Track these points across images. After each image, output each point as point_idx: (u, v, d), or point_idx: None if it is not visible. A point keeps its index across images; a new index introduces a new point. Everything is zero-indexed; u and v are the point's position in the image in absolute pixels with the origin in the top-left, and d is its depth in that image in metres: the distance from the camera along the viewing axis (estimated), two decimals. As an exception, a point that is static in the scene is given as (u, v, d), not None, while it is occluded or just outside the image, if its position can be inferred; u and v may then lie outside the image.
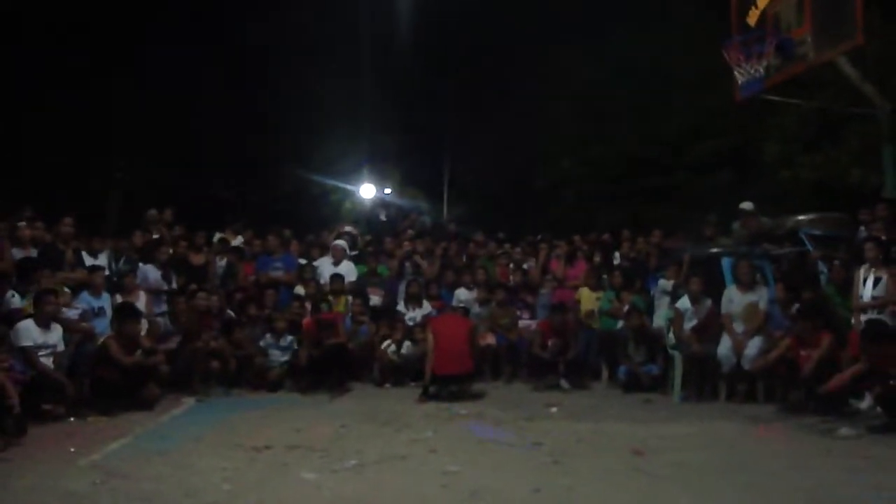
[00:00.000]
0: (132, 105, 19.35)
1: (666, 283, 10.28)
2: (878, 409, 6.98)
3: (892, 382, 6.73)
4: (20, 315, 7.95)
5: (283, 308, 10.62)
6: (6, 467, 5.55)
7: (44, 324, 7.77)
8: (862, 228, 9.50)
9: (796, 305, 8.49)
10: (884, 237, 8.48)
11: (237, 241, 12.28)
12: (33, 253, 9.38)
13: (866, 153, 12.51)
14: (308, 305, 10.62)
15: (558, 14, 21.21)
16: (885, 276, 7.85)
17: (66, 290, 8.86)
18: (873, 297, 7.89)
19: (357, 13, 22.93)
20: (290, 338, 10.07)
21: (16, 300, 8.31)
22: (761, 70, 10.79)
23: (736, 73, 11.17)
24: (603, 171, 20.32)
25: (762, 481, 5.07)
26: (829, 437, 6.60)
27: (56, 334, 7.89)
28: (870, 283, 7.97)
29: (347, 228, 14.11)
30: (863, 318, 7.88)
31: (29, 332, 7.61)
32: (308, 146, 22.16)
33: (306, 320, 10.31)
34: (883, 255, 8.03)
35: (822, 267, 9.14)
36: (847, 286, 8.31)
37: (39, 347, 7.65)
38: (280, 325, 10.11)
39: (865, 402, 7.25)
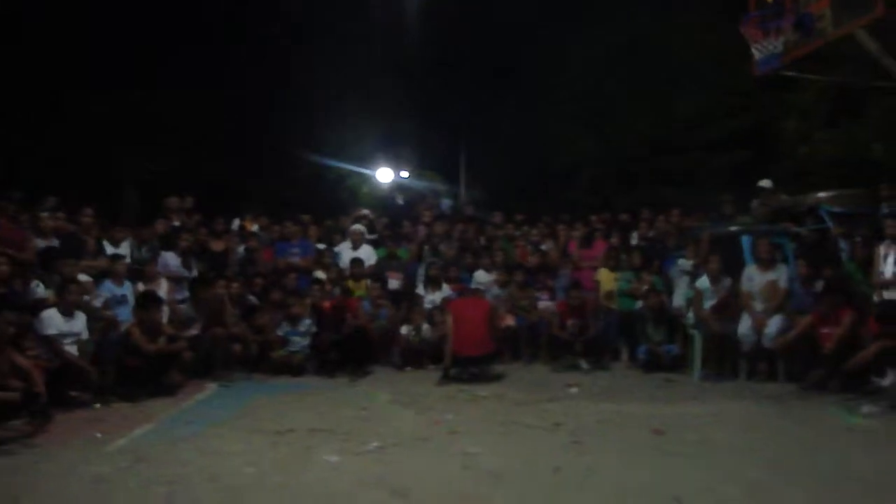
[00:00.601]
0: (150, 96, 19.43)
1: (685, 263, 10.24)
2: (901, 386, 6.94)
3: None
4: (44, 304, 8.05)
5: (302, 293, 10.67)
6: (35, 453, 5.66)
7: (67, 312, 7.87)
8: (883, 205, 9.40)
9: (819, 283, 8.44)
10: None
11: (255, 227, 12.36)
12: (55, 243, 9.48)
13: (887, 128, 12.36)
14: (328, 289, 10.68)
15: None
16: (906, 253, 7.79)
17: (89, 278, 8.96)
18: (894, 274, 7.83)
19: (372, -2, 22.90)
20: (307, 321, 10.11)
21: (40, 290, 8.42)
22: (779, 46, 10.66)
23: (753, 49, 11.04)
24: (619, 152, 20.22)
25: (783, 460, 5.07)
26: (850, 414, 6.57)
27: (80, 322, 8.00)
28: (891, 259, 7.90)
29: (365, 212, 14.16)
30: (885, 294, 7.83)
31: (53, 320, 7.71)
32: (324, 131, 22.18)
33: (326, 304, 10.37)
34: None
35: (842, 244, 9.07)
36: (868, 263, 8.25)
37: (64, 335, 7.76)
38: (296, 310, 10.15)
39: (888, 380, 7.21)
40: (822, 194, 10.13)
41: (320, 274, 11.16)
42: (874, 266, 8.06)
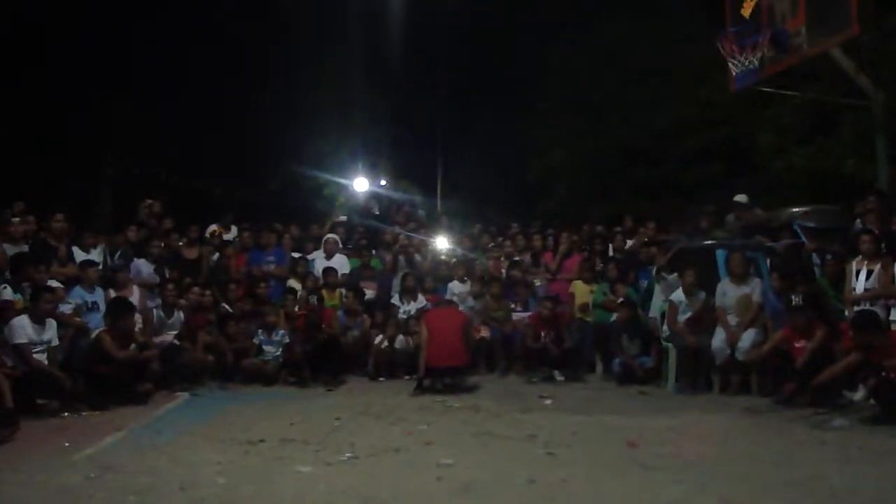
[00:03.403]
0: (123, 102, 19.28)
1: (674, 279, 10.23)
2: (872, 400, 7.00)
3: (884, 374, 6.76)
4: (12, 309, 7.92)
5: (276, 302, 10.61)
6: (0, 462, 5.54)
7: (39, 320, 7.76)
8: (857, 221, 9.51)
9: (794, 297, 8.50)
10: (876, 230, 8.49)
11: (230, 235, 12.26)
12: (25, 248, 9.34)
13: (861, 144, 12.51)
14: (304, 298, 10.64)
15: (550, 6, 21.15)
16: (877, 269, 7.86)
17: (59, 285, 8.84)
18: (866, 290, 7.91)
19: (348, 6, 22.87)
20: (281, 332, 10.06)
21: (7, 292, 8.27)
22: (756, 61, 10.78)
23: (730, 64, 11.16)
24: (595, 163, 20.30)
25: (756, 472, 5.08)
26: (822, 428, 6.61)
27: (51, 331, 7.90)
28: (863, 275, 7.96)
29: (341, 218, 14.10)
30: (855, 309, 7.90)
31: (24, 328, 7.60)
32: (301, 141, 22.12)
33: (299, 314, 10.32)
34: (877, 247, 8.04)
35: (816, 259, 9.15)
36: (841, 279, 8.32)
37: (35, 344, 7.65)
38: (271, 319, 10.10)
39: (859, 394, 7.28)
40: (796, 209, 10.25)
41: (294, 283, 11.10)
42: (846, 282, 8.14)
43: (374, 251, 12.45)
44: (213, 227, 12.27)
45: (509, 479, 4.98)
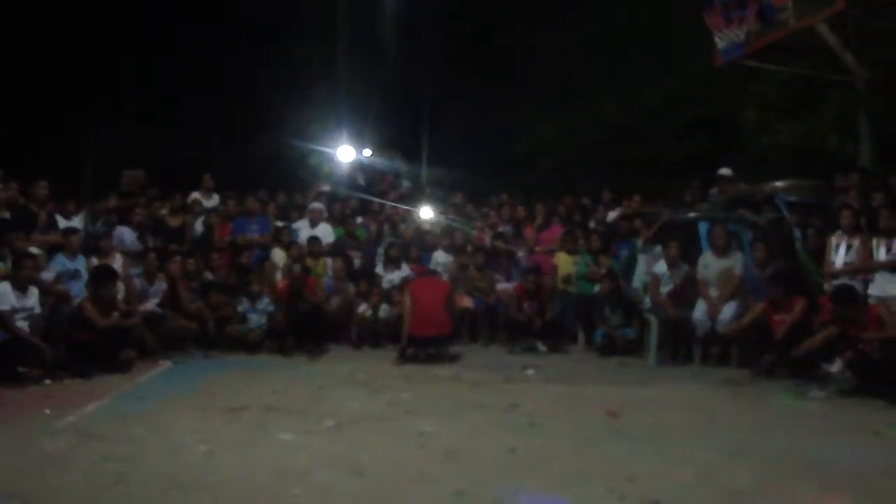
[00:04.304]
0: (107, 68, 19.03)
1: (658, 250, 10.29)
2: (848, 373, 7.10)
3: (861, 347, 6.86)
4: (-5, 276, 7.89)
5: (259, 271, 10.60)
6: (-19, 429, 5.54)
7: (20, 287, 7.72)
8: (838, 195, 9.57)
9: (769, 270, 8.57)
10: (856, 205, 8.56)
11: (212, 202, 12.18)
12: (7, 215, 9.27)
13: (844, 121, 12.56)
14: (288, 265, 10.65)
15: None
16: (856, 244, 7.94)
17: (40, 252, 8.78)
18: (845, 264, 7.99)
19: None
20: (265, 300, 10.06)
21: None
22: (742, 36, 10.77)
23: (716, 38, 11.14)
24: (581, 137, 20.25)
25: (734, 442, 5.16)
26: (800, 399, 6.73)
27: (33, 297, 7.86)
28: (842, 249, 8.05)
29: (325, 188, 14.04)
30: (834, 283, 7.98)
31: (6, 295, 7.56)
32: (285, 109, 21.93)
33: (281, 282, 10.31)
34: (856, 222, 8.12)
35: (797, 233, 9.22)
36: (821, 253, 8.40)
37: (16, 311, 7.61)
38: (255, 288, 10.10)
39: (836, 367, 7.37)
40: (778, 184, 10.27)
41: (278, 252, 11.09)
42: (826, 256, 8.21)
43: (358, 220, 12.41)
44: (195, 194, 12.18)
45: (491, 447, 5.03)
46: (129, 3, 18.97)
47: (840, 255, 8.06)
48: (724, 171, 10.81)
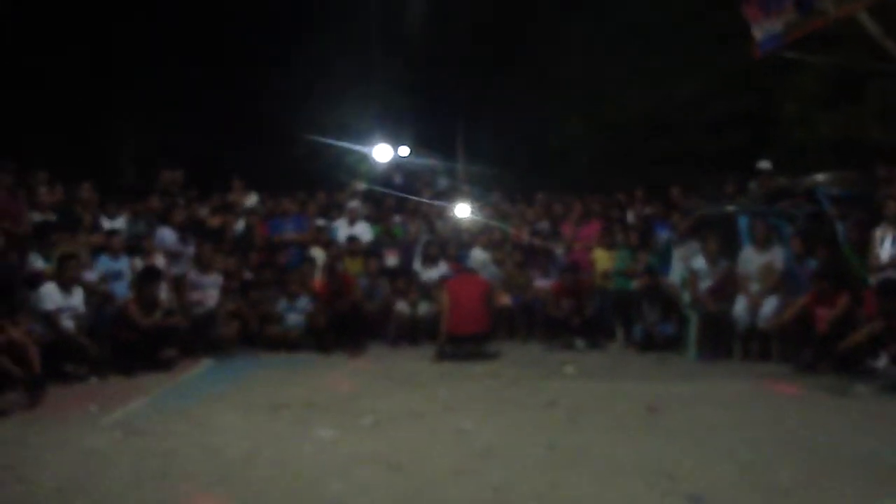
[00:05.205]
0: (146, 74, 19.33)
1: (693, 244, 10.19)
2: (895, 368, 6.97)
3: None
4: (41, 278, 8.05)
5: (298, 270, 10.68)
6: (29, 426, 5.67)
7: (66, 287, 7.89)
8: (881, 187, 9.39)
9: (815, 264, 8.44)
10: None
11: (252, 201, 12.30)
12: (53, 217, 9.45)
13: (886, 110, 12.32)
14: (326, 266, 10.72)
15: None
16: (903, 235, 7.79)
17: (84, 252, 8.95)
18: (891, 257, 7.84)
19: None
20: (304, 299, 10.14)
21: (39, 263, 8.41)
22: (780, 26, 10.61)
23: (753, 30, 10.99)
24: (616, 132, 20.10)
25: (775, 439, 5.10)
26: (843, 395, 6.61)
27: (78, 297, 8.03)
28: (888, 242, 7.88)
29: (362, 187, 14.11)
30: (880, 277, 7.83)
31: (51, 295, 7.73)
32: (322, 108, 22.09)
33: (320, 281, 10.39)
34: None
35: (839, 226, 9.07)
36: (863, 245, 8.25)
37: (62, 310, 7.78)
38: (294, 287, 10.18)
39: (882, 361, 7.24)
40: (819, 176, 10.11)
41: (317, 251, 11.16)
42: (871, 249, 8.06)
43: (396, 218, 12.46)
44: (233, 195, 12.31)
45: (529, 444, 5.04)
46: (167, 4, 19.22)
47: (886, 248, 7.89)
48: (764, 164, 10.67)
